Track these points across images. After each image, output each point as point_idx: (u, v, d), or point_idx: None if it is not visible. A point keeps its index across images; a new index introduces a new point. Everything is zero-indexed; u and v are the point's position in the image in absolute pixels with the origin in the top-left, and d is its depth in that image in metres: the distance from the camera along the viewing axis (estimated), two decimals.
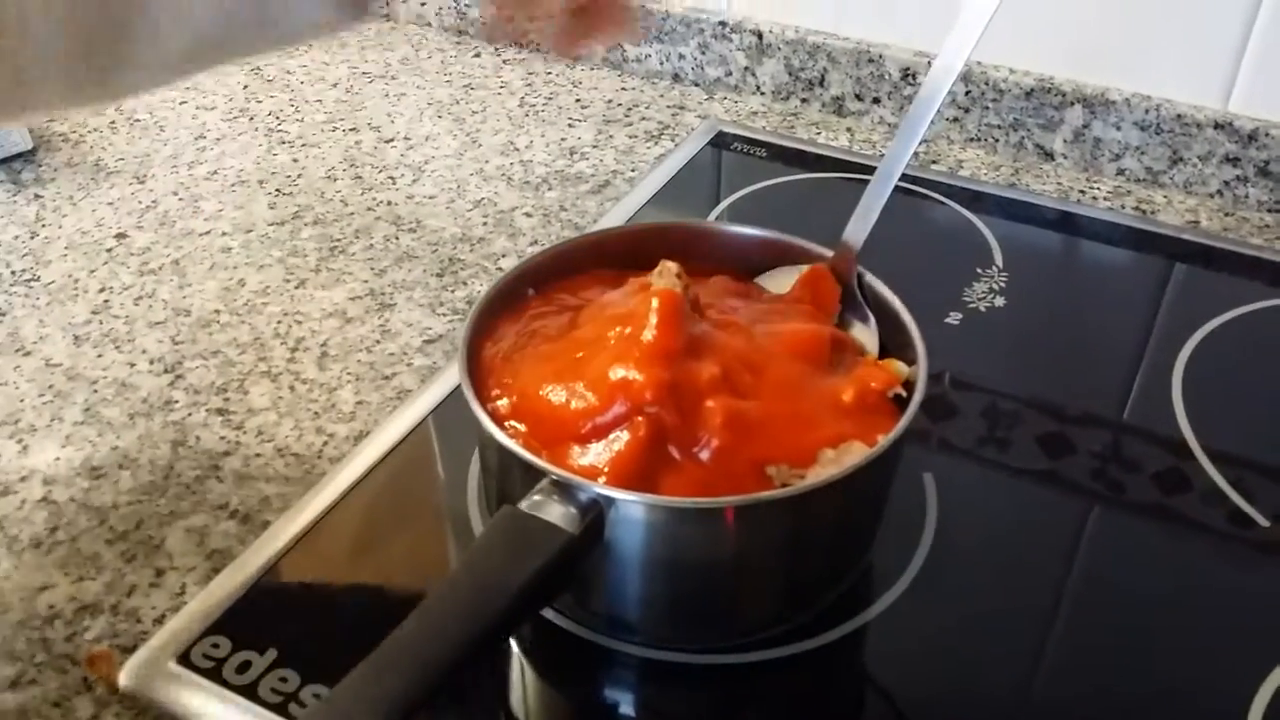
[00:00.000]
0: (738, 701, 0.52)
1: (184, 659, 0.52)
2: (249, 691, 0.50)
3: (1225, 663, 0.53)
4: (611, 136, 0.97)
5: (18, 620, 0.55)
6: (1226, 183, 0.87)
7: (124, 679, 0.51)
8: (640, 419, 0.48)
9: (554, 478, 0.46)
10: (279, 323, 0.75)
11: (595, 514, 0.45)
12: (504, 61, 1.11)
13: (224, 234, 0.84)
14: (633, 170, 0.92)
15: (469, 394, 0.50)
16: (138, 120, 1.00)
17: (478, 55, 1.12)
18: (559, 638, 0.54)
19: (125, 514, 0.61)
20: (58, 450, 0.65)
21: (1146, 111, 0.87)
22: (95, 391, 0.69)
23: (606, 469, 0.48)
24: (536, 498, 0.45)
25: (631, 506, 0.46)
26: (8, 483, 0.63)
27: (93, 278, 0.80)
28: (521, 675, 0.54)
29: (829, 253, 0.60)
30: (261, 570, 0.56)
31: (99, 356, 0.72)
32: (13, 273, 0.80)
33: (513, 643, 0.53)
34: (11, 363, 0.72)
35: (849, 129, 0.98)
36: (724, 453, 0.49)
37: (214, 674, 0.51)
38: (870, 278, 0.59)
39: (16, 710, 0.51)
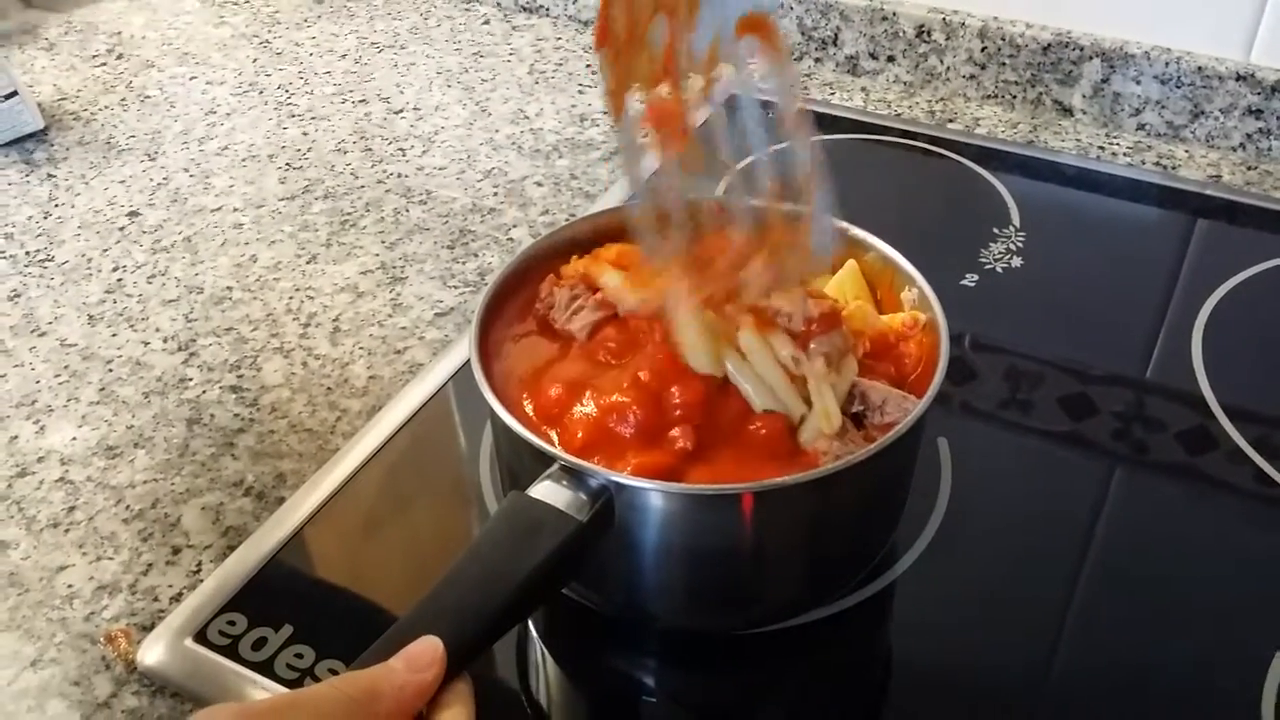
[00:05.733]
0: (755, 671, 0.52)
1: (201, 636, 0.52)
2: (265, 668, 0.50)
3: (1247, 624, 0.52)
4: None
5: (37, 600, 0.56)
6: (1249, 135, 0.86)
7: (141, 657, 0.52)
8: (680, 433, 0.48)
9: (563, 463, 0.45)
10: (291, 298, 0.75)
11: (604, 501, 0.45)
12: (513, 28, 1.10)
13: (235, 210, 0.84)
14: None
15: (480, 378, 0.49)
16: (148, 97, 1.00)
17: (486, 23, 1.11)
18: (574, 606, 0.54)
19: (141, 493, 0.61)
20: (74, 430, 0.65)
21: (1166, 64, 0.86)
22: (110, 371, 0.70)
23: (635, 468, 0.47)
24: (545, 483, 0.45)
25: (641, 493, 0.46)
26: (25, 464, 0.63)
27: (106, 257, 0.80)
28: (539, 650, 0.54)
29: (839, 223, 0.59)
30: (277, 547, 0.57)
31: (113, 336, 0.72)
32: (27, 253, 0.81)
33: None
34: (27, 343, 0.72)
35: (863, 88, 0.97)
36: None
37: (230, 651, 0.51)
38: (860, 233, 0.58)
39: (37, 689, 0.52)
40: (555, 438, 0.49)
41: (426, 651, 0.38)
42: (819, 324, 0.50)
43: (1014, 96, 0.93)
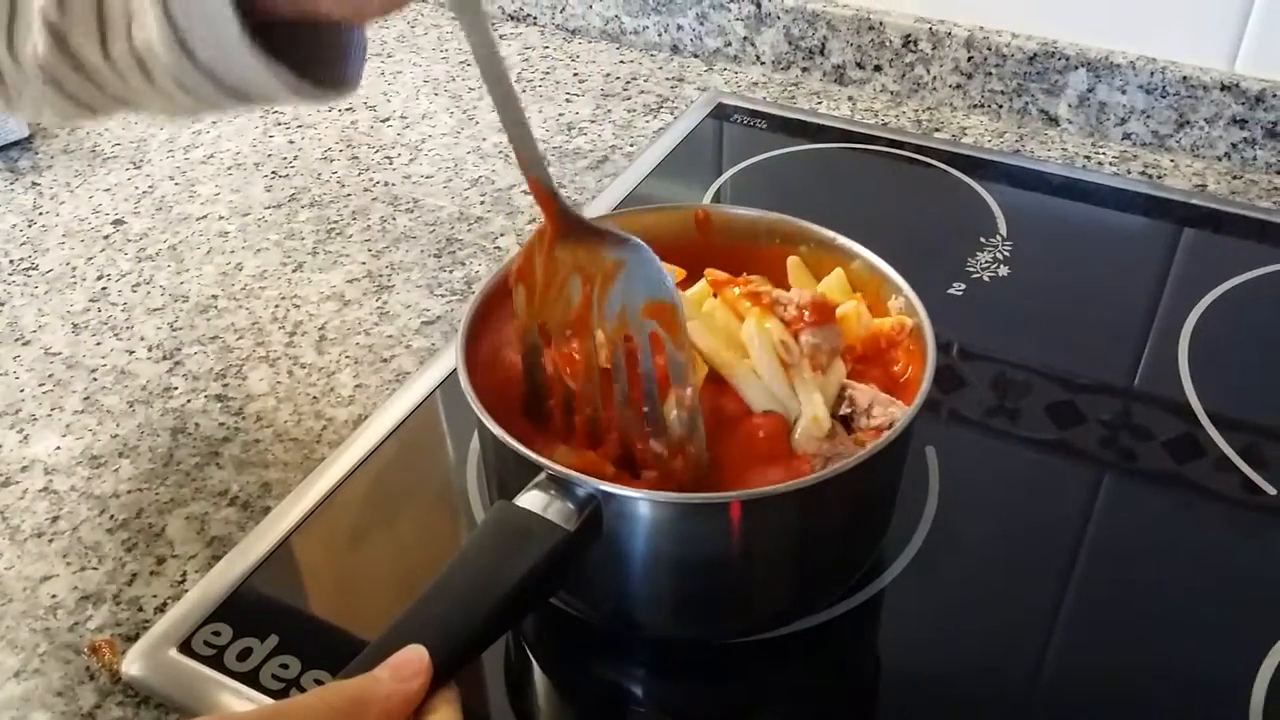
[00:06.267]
0: (743, 680, 0.52)
1: (185, 647, 0.52)
2: (250, 678, 0.50)
3: (1235, 630, 0.52)
4: (610, 111, 0.96)
5: (21, 611, 0.55)
6: (1234, 145, 0.86)
7: (126, 667, 0.51)
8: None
9: (550, 472, 0.45)
10: (277, 307, 0.75)
11: (592, 510, 0.45)
12: (500, 37, 1.10)
13: (221, 218, 0.84)
14: (631, 145, 0.91)
15: (467, 387, 0.49)
16: None
17: None
18: (562, 615, 0.53)
19: (126, 502, 0.61)
20: (58, 440, 0.65)
21: (1152, 74, 0.86)
22: (94, 380, 0.69)
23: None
24: (533, 492, 0.45)
25: (629, 502, 0.45)
26: (9, 473, 0.63)
27: (90, 265, 0.79)
28: (527, 659, 0.53)
29: (825, 231, 0.59)
30: (262, 557, 0.56)
31: (98, 345, 0.72)
32: (11, 262, 0.80)
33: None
34: (11, 352, 0.72)
35: (850, 98, 0.97)
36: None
37: (215, 661, 0.51)
38: (846, 242, 0.58)
39: (21, 700, 0.51)
40: None
41: (412, 661, 0.38)
42: (811, 312, 0.50)
43: (1000, 106, 0.93)
